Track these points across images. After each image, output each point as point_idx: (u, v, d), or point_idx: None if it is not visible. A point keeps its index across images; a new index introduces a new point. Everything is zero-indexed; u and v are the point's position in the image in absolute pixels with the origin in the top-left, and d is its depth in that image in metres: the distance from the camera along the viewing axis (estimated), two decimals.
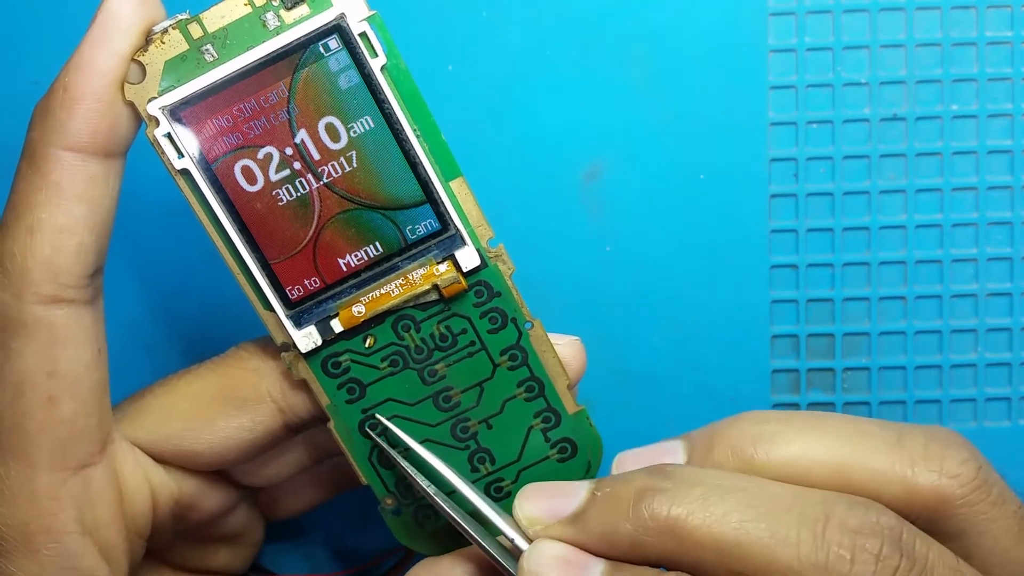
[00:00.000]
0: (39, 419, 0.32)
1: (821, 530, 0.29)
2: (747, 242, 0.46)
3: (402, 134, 0.33)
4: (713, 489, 0.30)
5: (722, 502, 0.30)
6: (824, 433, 0.33)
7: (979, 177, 0.45)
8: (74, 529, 0.33)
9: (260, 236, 0.33)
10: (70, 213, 0.31)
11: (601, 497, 0.31)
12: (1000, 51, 0.45)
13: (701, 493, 0.30)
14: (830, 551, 0.29)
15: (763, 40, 0.45)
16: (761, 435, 0.33)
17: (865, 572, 0.29)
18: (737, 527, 0.29)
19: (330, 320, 0.34)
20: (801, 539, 0.29)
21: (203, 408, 0.36)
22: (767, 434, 0.33)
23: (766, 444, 0.33)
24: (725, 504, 0.30)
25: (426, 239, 0.34)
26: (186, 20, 0.32)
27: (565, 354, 0.36)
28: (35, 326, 0.31)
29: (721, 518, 0.29)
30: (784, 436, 0.33)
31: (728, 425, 0.34)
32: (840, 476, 0.32)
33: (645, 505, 0.30)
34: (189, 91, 0.32)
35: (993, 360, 0.46)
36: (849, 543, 0.29)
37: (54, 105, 0.31)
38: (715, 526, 0.29)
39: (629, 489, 0.31)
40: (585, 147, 0.46)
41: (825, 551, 0.29)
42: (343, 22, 0.32)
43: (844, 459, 0.32)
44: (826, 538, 0.29)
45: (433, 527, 0.36)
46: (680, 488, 0.30)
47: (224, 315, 0.45)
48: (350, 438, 0.35)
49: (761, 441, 0.33)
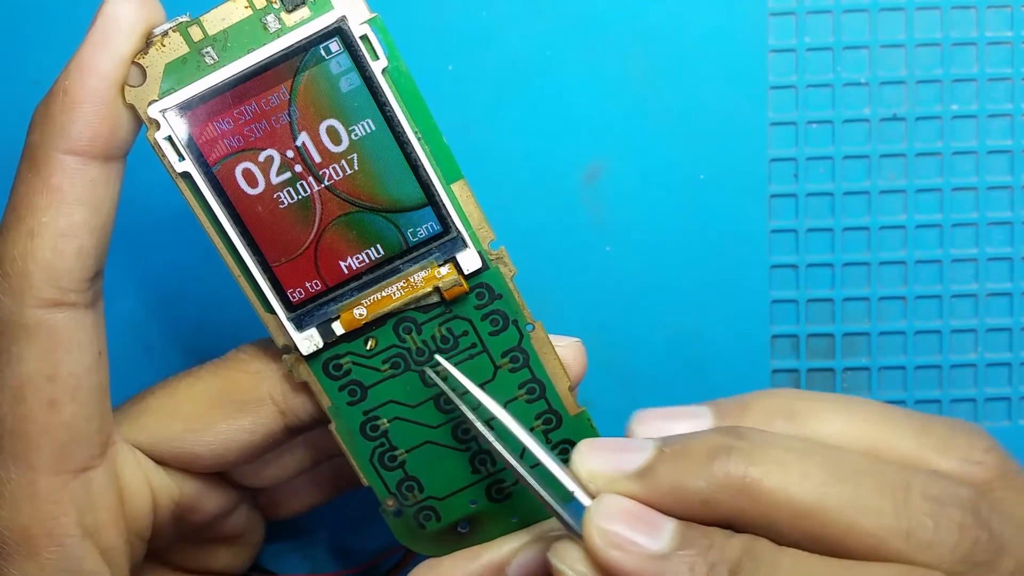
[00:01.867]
0: (40, 422, 0.32)
1: (903, 497, 0.29)
2: (747, 242, 0.46)
3: (403, 137, 0.33)
4: (790, 451, 0.30)
5: (799, 464, 0.29)
6: (855, 414, 0.33)
7: (979, 177, 0.45)
8: (75, 532, 0.33)
9: (261, 239, 0.33)
10: (71, 216, 0.31)
11: (671, 453, 0.30)
12: (1000, 51, 0.45)
13: (778, 455, 0.29)
14: (912, 518, 0.29)
15: (763, 40, 0.45)
16: (795, 410, 0.33)
17: (948, 540, 0.28)
18: (816, 490, 0.29)
19: (331, 322, 0.34)
20: (883, 505, 0.29)
21: (204, 410, 0.36)
22: (801, 410, 0.33)
23: (800, 419, 0.32)
24: (803, 467, 0.29)
25: (427, 241, 0.34)
26: (186, 23, 0.32)
27: (566, 356, 0.36)
28: (36, 330, 0.31)
29: (800, 480, 0.29)
30: (816, 413, 0.33)
31: (761, 397, 0.33)
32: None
33: (720, 463, 0.29)
34: (190, 94, 0.32)
35: (993, 360, 0.46)
36: (932, 511, 0.29)
37: (54, 108, 0.31)
38: (793, 488, 0.29)
39: (702, 446, 0.30)
40: (585, 147, 0.46)
41: (907, 518, 0.29)
42: (344, 24, 0.32)
43: (873, 441, 0.32)
44: (908, 505, 0.29)
45: (434, 529, 0.36)
46: (757, 448, 0.30)
47: (224, 317, 0.45)
48: (351, 440, 0.35)
49: (796, 416, 0.33)
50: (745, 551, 0.29)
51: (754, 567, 0.28)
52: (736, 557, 0.29)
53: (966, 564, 0.28)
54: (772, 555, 0.29)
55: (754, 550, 0.29)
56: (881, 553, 0.29)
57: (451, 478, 0.36)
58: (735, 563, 0.29)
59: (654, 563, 0.29)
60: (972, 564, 0.28)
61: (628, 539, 0.29)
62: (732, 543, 0.29)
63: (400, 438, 0.35)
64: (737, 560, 0.29)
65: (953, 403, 0.46)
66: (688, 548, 0.29)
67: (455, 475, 0.36)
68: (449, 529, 0.36)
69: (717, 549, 0.29)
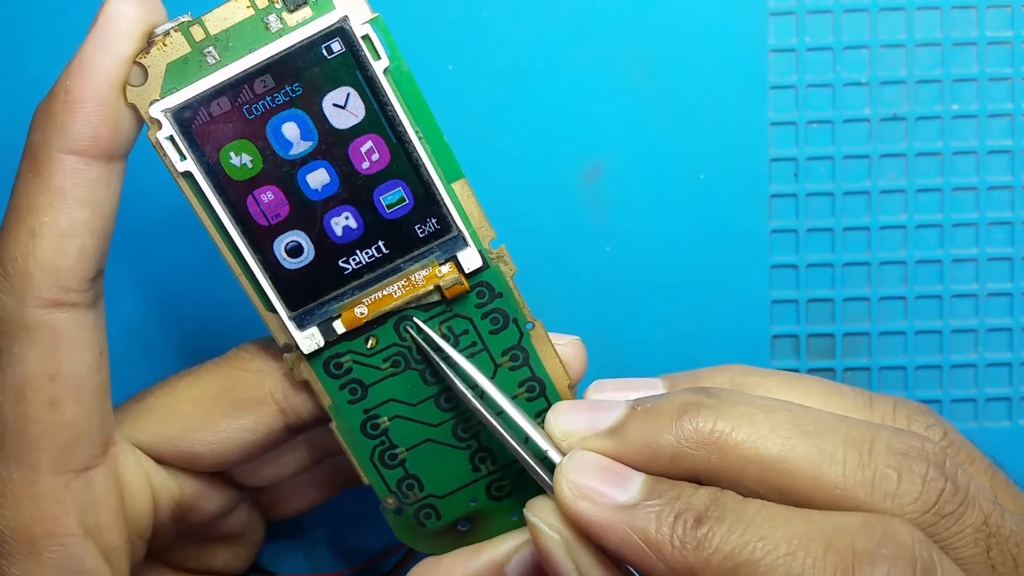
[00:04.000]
0: (41, 422, 0.32)
1: (868, 450, 0.29)
2: (747, 242, 0.46)
3: (405, 136, 0.33)
4: (758, 408, 0.30)
5: (767, 419, 0.30)
6: (802, 389, 0.34)
7: (979, 177, 0.45)
8: (76, 531, 0.33)
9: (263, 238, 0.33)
10: (72, 216, 0.31)
11: (642, 411, 0.31)
12: (1000, 51, 0.45)
13: (745, 411, 0.30)
14: (877, 469, 0.29)
15: (763, 40, 0.45)
16: (744, 384, 0.34)
17: (912, 491, 0.29)
18: (783, 443, 0.29)
19: (332, 321, 0.34)
20: (847, 457, 0.29)
21: (204, 409, 0.36)
22: (750, 384, 0.34)
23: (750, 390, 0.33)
24: (770, 421, 0.30)
25: (428, 240, 0.34)
26: (188, 22, 0.32)
27: (566, 354, 0.36)
28: (37, 330, 0.31)
29: (767, 433, 0.30)
30: (765, 387, 0.34)
31: (712, 371, 0.35)
32: None
33: (689, 418, 0.30)
34: (191, 94, 0.32)
35: (993, 360, 0.46)
36: (896, 464, 0.29)
37: (55, 108, 0.31)
38: (760, 441, 0.30)
39: (672, 404, 0.31)
40: (585, 147, 0.46)
41: (872, 469, 0.29)
42: (346, 24, 0.32)
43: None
44: (872, 458, 0.29)
45: (434, 527, 0.36)
46: (724, 404, 0.30)
47: (225, 316, 0.45)
48: (352, 438, 0.35)
49: (744, 388, 0.34)
50: (712, 500, 0.29)
51: (720, 515, 0.29)
52: (703, 506, 0.29)
53: (932, 516, 0.29)
54: (738, 504, 0.29)
55: (720, 499, 0.29)
56: (846, 503, 0.29)
57: (451, 476, 0.36)
58: (701, 512, 0.29)
59: (622, 513, 0.30)
60: (938, 515, 0.29)
61: (597, 490, 0.30)
62: (699, 493, 0.30)
63: (400, 436, 0.35)
64: (704, 509, 0.29)
65: (953, 403, 0.46)
66: (656, 499, 0.30)
67: (455, 473, 0.36)
68: (449, 527, 0.36)
69: (684, 499, 0.30)
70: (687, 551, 0.29)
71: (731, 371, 0.35)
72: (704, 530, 0.29)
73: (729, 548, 0.28)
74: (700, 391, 0.31)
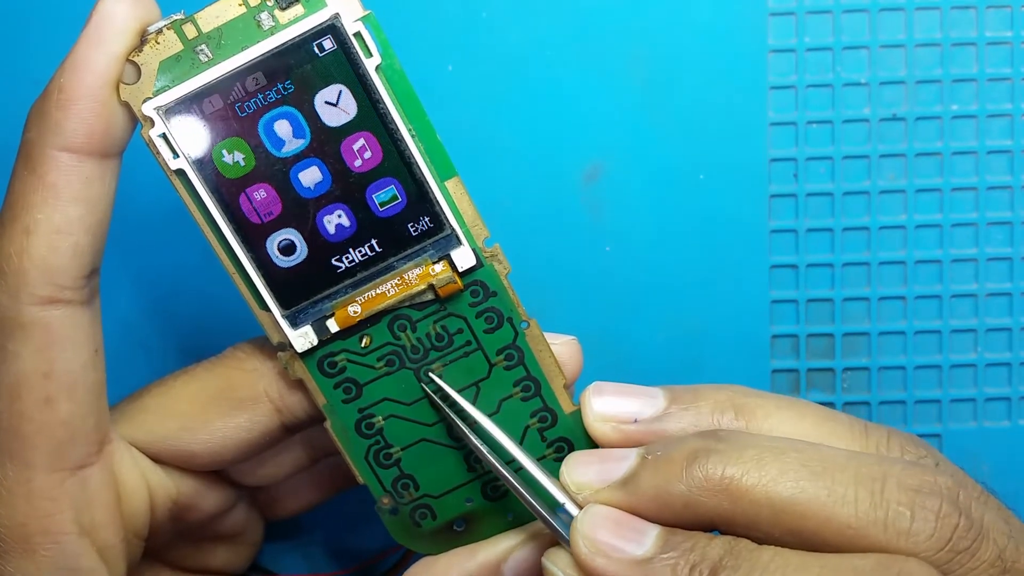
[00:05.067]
0: (36, 420, 0.32)
1: (880, 488, 0.29)
2: (747, 242, 0.46)
3: (397, 134, 0.33)
4: (767, 450, 0.30)
5: (777, 462, 0.30)
6: (799, 413, 0.33)
7: (979, 177, 0.45)
8: (72, 530, 0.33)
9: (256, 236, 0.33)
10: (66, 214, 0.31)
11: (652, 460, 0.31)
12: (1000, 51, 0.45)
13: (755, 454, 0.30)
14: (889, 508, 0.29)
15: (763, 40, 0.45)
16: (744, 405, 0.34)
17: (925, 529, 0.29)
18: (793, 485, 0.29)
19: (326, 320, 0.34)
20: (859, 497, 0.29)
21: (200, 408, 0.36)
22: (749, 405, 0.34)
23: (747, 413, 0.33)
24: (780, 464, 0.30)
25: (421, 239, 0.34)
26: (180, 20, 0.32)
27: (562, 353, 0.36)
28: (32, 327, 0.31)
29: (777, 477, 0.30)
30: (764, 409, 0.34)
31: (712, 389, 0.34)
32: None
33: (699, 465, 0.30)
34: (184, 91, 0.32)
35: (993, 360, 0.46)
36: (908, 501, 0.29)
37: (49, 106, 0.31)
38: (771, 485, 0.29)
39: (682, 451, 0.31)
40: (585, 147, 0.46)
41: (884, 508, 0.29)
42: (337, 22, 0.32)
43: (816, 441, 0.33)
44: (885, 496, 0.29)
45: (430, 527, 0.36)
46: (733, 449, 0.30)
47: (220, 315, 0.45)
48: (347, 437, 0.35)
49: (743, 410, 0.33)
50: (726, 551, 0.29)
51: (735, 564, 0.29)
52: (717, 556, 0.29)
53: (947, 552, 0.29)
54: (752, 553, 0.29)
55: (735, 548, 0.29)
56: (860, 544, 0.29)
57: (447, 476, 0.36)
58: (716, 562, 0.29)
59: (638, 568, 0.30)
60: (953, 552, 0.29)
61: (612, 545, 0.30)
62: (713, 544, 0.30)
63: (395, 436, 0.35)
64: (718, 559, 0.29)
65: (953, 403, 0.46)
66: (671, 551, 0.30)
67: (451, 473, 0.36)
68: (445, 527, 0.36)
69: (699, 550, 0.30)
70: None
71: (731, 391, 0.34)
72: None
73: None
74: (710, 435, 0.31)
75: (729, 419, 0.33)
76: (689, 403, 0.34)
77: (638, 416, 0.34)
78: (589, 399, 0.34)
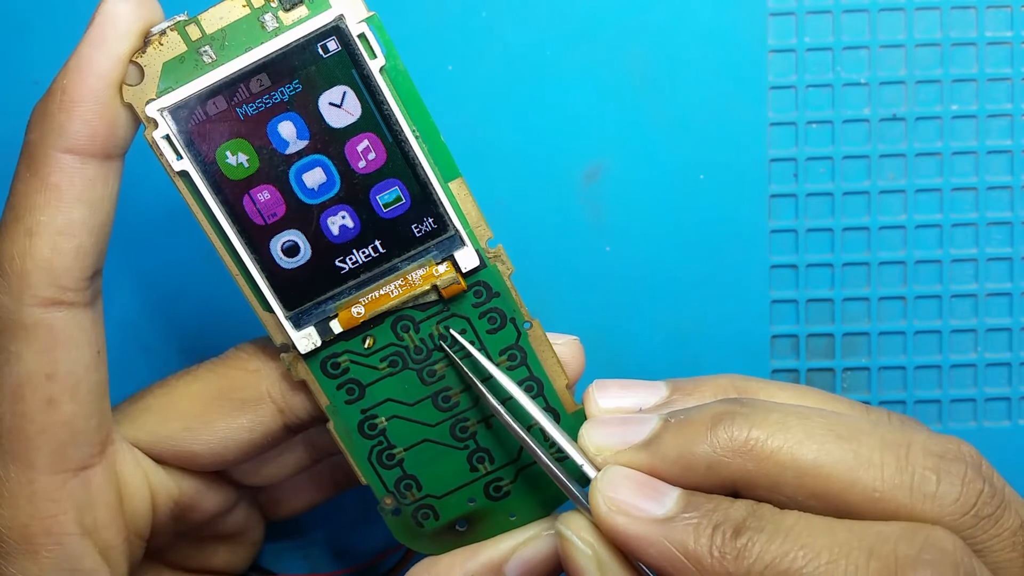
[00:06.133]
0: (39, 421, 0.32)
1: (905, 453, 0.29)
2: (747, 242, 0.46)
3: (401, 135, 0.33)
4: (792, 415, 0.30)
5: (802, 425, 0.30)
6: (801, 396, 0.34)
7: (979, 177, 0.45)
8: (74, 530, 0.33)
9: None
10: (69, 215, 0.31)
11: (676, 423, 0.31)
12: (1000, 51, 0.45)
13: (779, 418, 0.30)
14: (915, 472, 0.29)
15: (763, 40, 0.45)
16: (746, 387, 0.34)
17: (951, 492, 0.29)
18: (819, 448, 0.29)
19: (329, 321, 0.34)
20: (885, 461, 0.29)
21: (202, 409, 0.36)
22: (751, 387, 0.34)
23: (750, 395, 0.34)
24: (805, 427, 0.30)
25: (425, 239, 0.34)
26: (184, 21, 0.32)
27: (564, 354, 0.36)
28: (34, 328, 0.31)
29: (803, 439, 0.30)
30: (766, 392, 0.34)
31: (714, 377, 0.34)
32: None
33: (724, 427, 0.30)
34: (187, 93, 0.32)
35: (993, 360, 0.46)
36: (934, 465, 0.29)
37: (52, 107, 0.31)
38: (796, 447, 0.29)
39: (706, 414, 0.31)
40: (585, 147, 0.46)
41: (910, 472, 0.29)
42: (342, 23, 0.32)
43: None
44: (910, 460, 0.29)
45: (432, 527, 0.36)
46: (758, 413, 0.30)
47: (223, 316, 0.45)
48: (350, 438, 0.35)
49: (746, 392, 0.34)
50: (750, 512, 0.29)
51: (759, 525, 0.29)
52: (740, 517, 0.29)
53: (971, 517, 0.29)
54: (776, 515, 0.29)
55: (758, 511, 0.29)
56: (886, 507, 0.29)
57: (449, 476, 0.36)
58: (740, 522, 0.29)
59: (659, 527, 0.30)
60: (977, 517, 0.29)
61: (633, 504, 0.30)
62: (736, 505, 0.30)
63: (398, 436, 0.35)
64: (742, 520, 0.29)
65: (953, 403, 0.46)
66: (693, 511, 0.30)
67: (453, 473, 0.36)
68: (447, 527, 0.36)
69: (722, 511, 0.30)
70: (727, 562, 0.29)
71: (732, 377, 0.34)
72: (744, 540, 0.29)
73: (770, 557, 0.28)
74: (732, 401, 0.31)
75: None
76: (691, 391, 0.34)
77: (642, 407, 0.34)
78: (592, 395, 0.34)
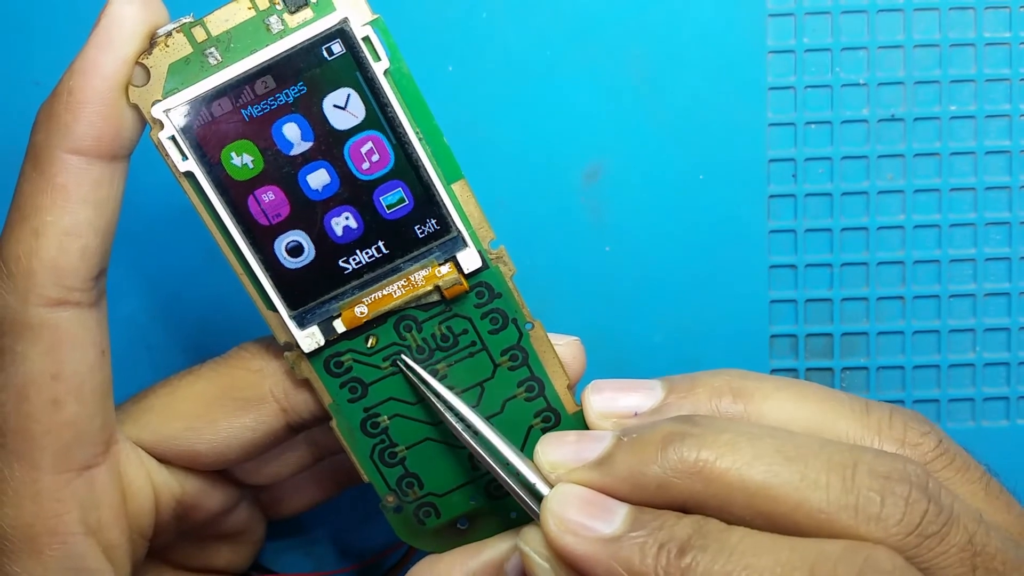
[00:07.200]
0: (43, 421, 0.32)
1: (851, 474, 0.29)
2: (746, 242, 0.46)
3: (405, 137, 0.33)
4: (741, 435, 0.30)
5: (751, 447, 0.30)
6: (799, 394, 0.34)
7: (977, 177, 0.45)
8: (78, 530, 0.33)
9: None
10: (75, 216, 0.31)
11: (628, 442, 0.31)
12: (998, 52, 0.45)
13: (729, 439, 0.30)
14: (860, 493, 0.29)
15: (762, 41, 0.45)
16: (742, 388, 0.34)
17: (895, 514, 0.29)
18: (767, 470, 0.30)
19: (333, 320, 0.34)
20: (831, 482, 0.29)
21: (205, 408, 0.36)
22: (748, 388, 0.34)
23: (746, 396, 0.33)
24: (754, 448, 0.30)
25: (428, 240, 0.34)
26: (190, 23, 0.32)
27: (565, 354, 0.36)
28: (40, 329, 0.32)
29: (751, 461, 0.30)
30: (763, 391, 0.34)
31: (710, 374, 0.34)
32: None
33: (674, 448, 0.30)
34: (193, 94, 0.32)
35: (991, 360, 0.46)
36: (879, 487, 0.29)
37: (59, 108, 0.31)
38: (744, 468, 0.30)
39: (657, 434, 0.31)
40: (585, 147, 0.46)
41: (855, 493, 0.29)
42: (346, 26, 0.32)
43: (817, 421, 0.33)
44: (856, 482, 0.29)
45: (434, 525, 0.36)
46: (709, 433, 0.31)
47: (226, 315, 0.45)
48: (352, 437, 0.35)
49: (742, 393, 0.34)
50: (695, 530, 0.29)
51: (703, 544, 0.29)
52: (685, 535, 0.29)
53: (916, 536, 0.29)
54: (721, 533, 0.29)
55: (704, 528, 0.29)
56: (831, 528, 0.29)
57: (451, 475, 0.36)
58: (684, 541, 0.29)
59: (607, 546, 0.30)
60: (922, 536, 0.29)
61: (581, 524, 0.30)
62: (682, 523, 0.30)
63: (400, 435, 0.35)
64: (687, 538, 0.29)
65: (951, 403, 0.46)
66: (639, 530, 0.30)
67: (455, 472, 0.36)
68: (449, 525, 0.36)
69: (667, 529, 0.30)
70: None
71: (728, 375, 0.34)
72: (688, 560, 0.29)
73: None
74: (685, 420, 0.32)
75: (728, 403, 0.33)
76: (687, 391, 0.34)
77: (638, 410, 0.34)
78: (589, 397, 0.35)
